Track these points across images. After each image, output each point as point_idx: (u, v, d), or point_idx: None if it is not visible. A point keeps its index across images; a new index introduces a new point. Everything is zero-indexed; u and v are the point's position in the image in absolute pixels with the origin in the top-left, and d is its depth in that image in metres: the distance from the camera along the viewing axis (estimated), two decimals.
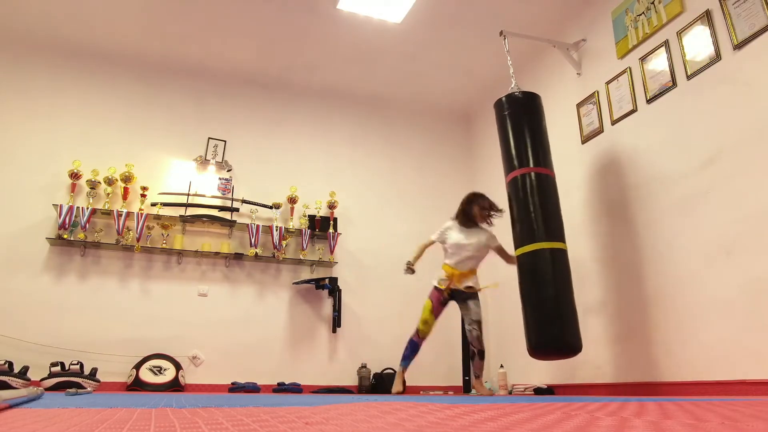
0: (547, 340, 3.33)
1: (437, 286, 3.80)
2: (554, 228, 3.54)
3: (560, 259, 3.46)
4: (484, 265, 3.97)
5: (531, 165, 3.65)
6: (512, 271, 4.06)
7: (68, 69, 4.91)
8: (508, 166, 3.77)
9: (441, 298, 3.78)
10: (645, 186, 3.65)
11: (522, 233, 3.58)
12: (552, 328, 3.32)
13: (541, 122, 3.83)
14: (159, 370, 4.29)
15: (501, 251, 3.88)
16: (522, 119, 3.78)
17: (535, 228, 3.52)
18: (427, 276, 4.03)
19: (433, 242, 3.93)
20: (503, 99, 3.89)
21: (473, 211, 3.84)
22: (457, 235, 3.82)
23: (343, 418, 1.02)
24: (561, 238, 3.54)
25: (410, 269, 3.87)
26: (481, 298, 5.10)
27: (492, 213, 3.86)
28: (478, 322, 3.74)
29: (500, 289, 5.15)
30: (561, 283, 3.40)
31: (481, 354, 3.74)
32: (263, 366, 4.70)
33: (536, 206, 3.56)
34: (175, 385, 4.25)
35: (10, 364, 3.79)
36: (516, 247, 3.62)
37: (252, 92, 5.46)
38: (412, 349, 3.81)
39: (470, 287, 3.76)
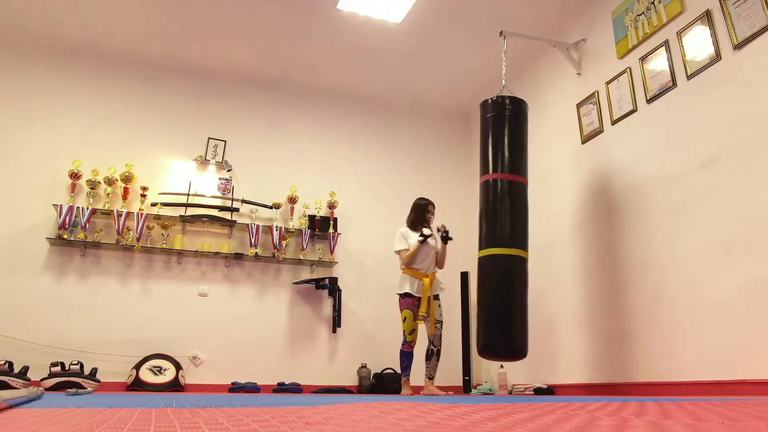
0: (493, 343, 3.52)
1: (409, 293, 3.89)
2: (518, 235, 3.64)
3: (519, 266, 3.58)
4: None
5: (505, 171, 3.73)
6: None
7: (68, 69, 4.91)
8: (483, 168, 3.85)
9: (416, 302, 3.91)
10: (645, 186, 3.65)
11: (486, 236, 3.68)
12: (499, 331, 3.50)
13: (522, 129, 3.88)
14: (159, 370, 4.29)
15: (442, 254, 4.09)
16: (503, 124, 3.84)
17: (498, 233, 3.63)
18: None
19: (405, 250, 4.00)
20: (489, 101, 3.93)
21: (426, 216, 4.10)
22: (415, 239, 3.99)
23: (343, 418, 1.02)
24: (523, 246, 3.64)
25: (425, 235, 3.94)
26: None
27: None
28: (441, 323, 3.96)
29: None
30: (516, 290, 3.54)
31: (438, 354, 3.93)
32: (263, 366, 4.70)
33: (503, 212, 3.67)
34: (175, 385, 4.25)
35: (11, 364, 3.79)
36: (479, 249, 3.72)
37: (252, 92, 5.46)
38: (409, 358, 3.93)
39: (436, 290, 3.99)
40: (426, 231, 3.96)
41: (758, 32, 2.96)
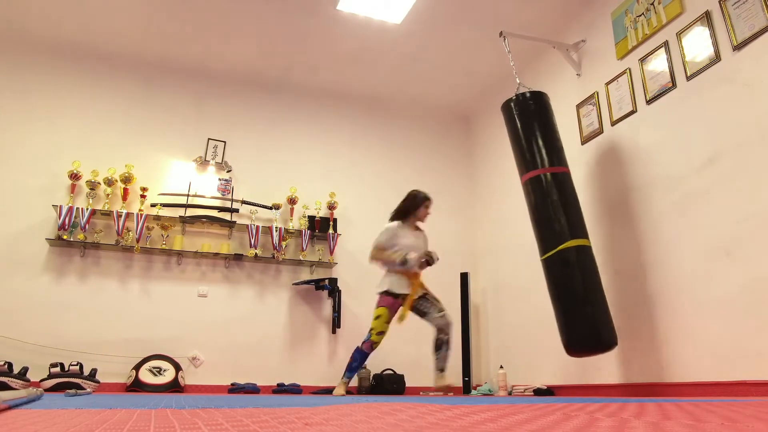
0: (581, 338, 3.32)
1: (393, 291, 3.62)
2: (576, 225, 3.50)
3: (585, 255, 3.44)
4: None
5: (546, 165, 3.62)
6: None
7: (68, 69, 4.91)
8: (523, 168, 3.71)
9: (397, 305, 3.67)
10: (645, 187, 3.65)
11: (546, 235, 3.53)
12: (585, 326, 3.30)
13: (551, 120, 3.79)
14: (159, 371, 4.28)
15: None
16: (532, 119, 3.75)
17: (557, 228, 3.48)
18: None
19: (384, 248, 3.71)
20: (511, 101, 3.85)
21: (421, 212, 3.82)
22: (408, 240, 3.73)
23: (343, 419, 1.02)
24: (584, 234, 3.50)
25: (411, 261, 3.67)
26: (480, 301, 5.11)
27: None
28: (445, 310, 3.72)
29: (499, 290, 5.17)
30: (589, 281, 3.38)
31: (449, 343, 3.66)
32: (263, 367, 4.70)
33: (555, 206, 3.52)
34: (174, 386, 4.25)
35: (10, 364, 3.79)
36: (542, 252, 3.54)
37: (252, 93, 5.46)
38: (362, 360, 3.68)
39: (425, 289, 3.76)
40: (411, 257, 3.64)
41: (758, 33, 2.97)
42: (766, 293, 2.78)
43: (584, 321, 3.30)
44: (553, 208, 3.52)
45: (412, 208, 3.82)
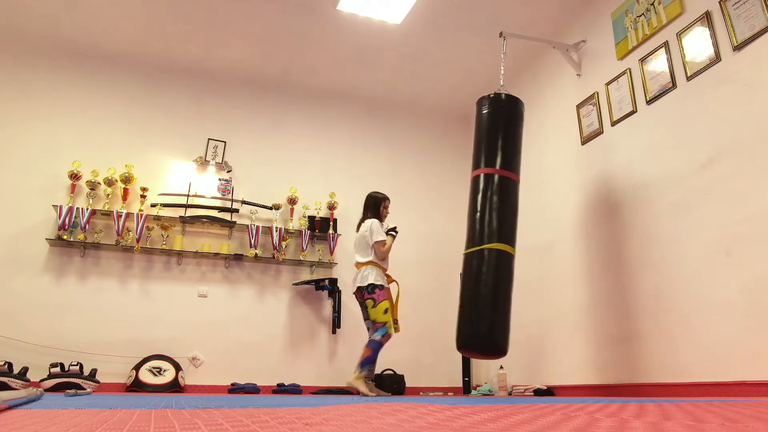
0: (475, 339, 3.37)
1: (383, 284, 3.82)
2: (506, 232, 3.52)
3: (504, 262, 3.45)
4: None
5: (497, 167, 3.65)
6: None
7: (68, 69, 4.91)
8: (475, 163, 3.77)
9: (388, 295, 3.85)
10: (645, 187, 3.65)
11: (472, 232, 3.58)
12: (481, 328, 3.34)
13: (517, 127, 3.80)
14: (159, 371, 4.28)
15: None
16: (499, 120, 3.76)
17: (487, 228, 3.51)
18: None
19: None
20: (485, 98, 3.88)
21: (383, 211, 4.03)
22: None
23: (343, 419, 1.02)
24: (510, 242, 3.52)
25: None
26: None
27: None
28: None
29: None
30: (500, 285, 3.40)
31: None
32: (263, 367, 4.70)
33: (494, 207, 3.54)
34: (174, 386, 4.25)
35: (10, 365, 3.79)
36: (465, 245, 3.60)
37: (252, 93, 5.46)
38: (378, 352, 3.76)
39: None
40: (393, 227, 3.95)
41: (758, 33, 2.97)
42: (766, 293, 2.78)
43: (485, 323, 3.33)
44: (490, 207, 3.54)
45: (380, 210, 4.03)
